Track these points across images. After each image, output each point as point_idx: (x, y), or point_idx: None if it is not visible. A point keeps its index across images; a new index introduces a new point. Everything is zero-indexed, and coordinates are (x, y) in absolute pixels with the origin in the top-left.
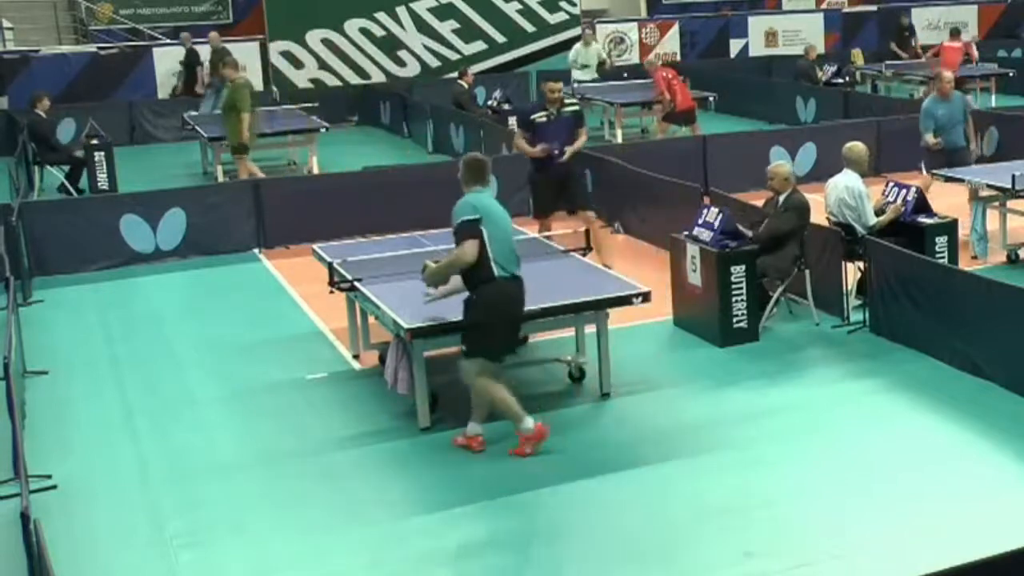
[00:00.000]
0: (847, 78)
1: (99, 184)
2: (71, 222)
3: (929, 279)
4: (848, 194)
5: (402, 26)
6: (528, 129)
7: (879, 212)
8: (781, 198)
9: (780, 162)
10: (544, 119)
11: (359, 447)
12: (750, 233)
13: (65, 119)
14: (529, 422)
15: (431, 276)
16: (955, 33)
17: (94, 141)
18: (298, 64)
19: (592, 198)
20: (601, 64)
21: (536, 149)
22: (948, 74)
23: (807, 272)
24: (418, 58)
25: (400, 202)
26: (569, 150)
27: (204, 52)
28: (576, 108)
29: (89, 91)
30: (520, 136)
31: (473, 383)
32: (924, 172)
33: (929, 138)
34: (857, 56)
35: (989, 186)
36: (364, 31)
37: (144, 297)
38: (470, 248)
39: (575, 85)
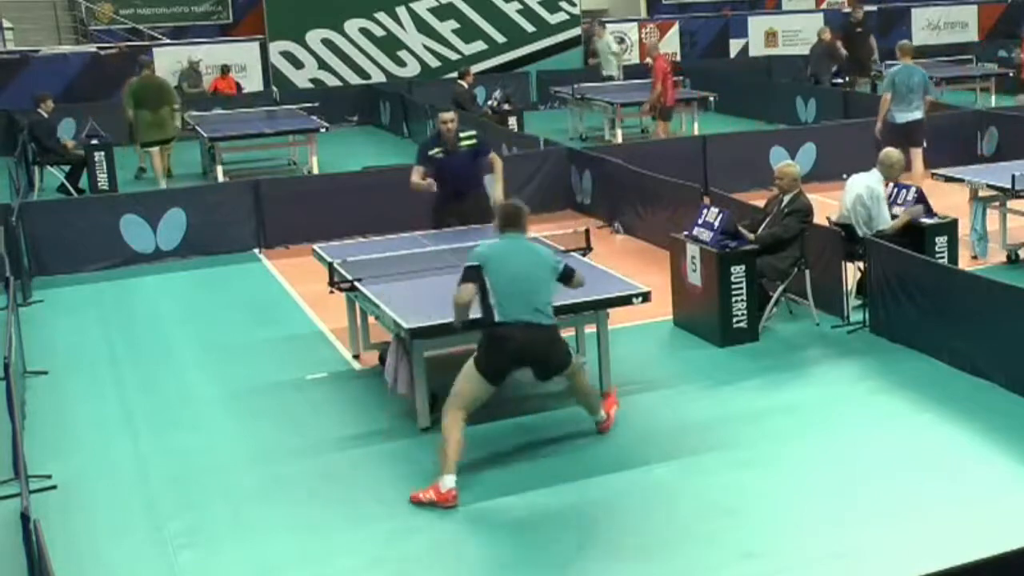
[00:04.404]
0: (847, 78)
1: (99, 184)
2: (71, 222)
3: (929, 279)
4: (868, 193)
5: (402, 26)
6: (427, 165)
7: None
8: (786, 198)
9: (789, 162)
10: (441, 154)
11: (359, 447)
12: (751, 236)
13: (65, 119)
14: (450, 481)
15: (456, 318)
16: None
17: (94, 141)
18: (298, 64)
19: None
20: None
21: (425, 182)
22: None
23: (807, 272)
24: (418, 58)
25: (400, 202)
26: (497, 197)
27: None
28: (473, 141)
29: (89, 91)
30: (416, 173)
31: (446, 410)
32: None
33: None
34: None
35: (989, 186)
36: (364, 31)
37: (144, 297)
38: (463, 291)
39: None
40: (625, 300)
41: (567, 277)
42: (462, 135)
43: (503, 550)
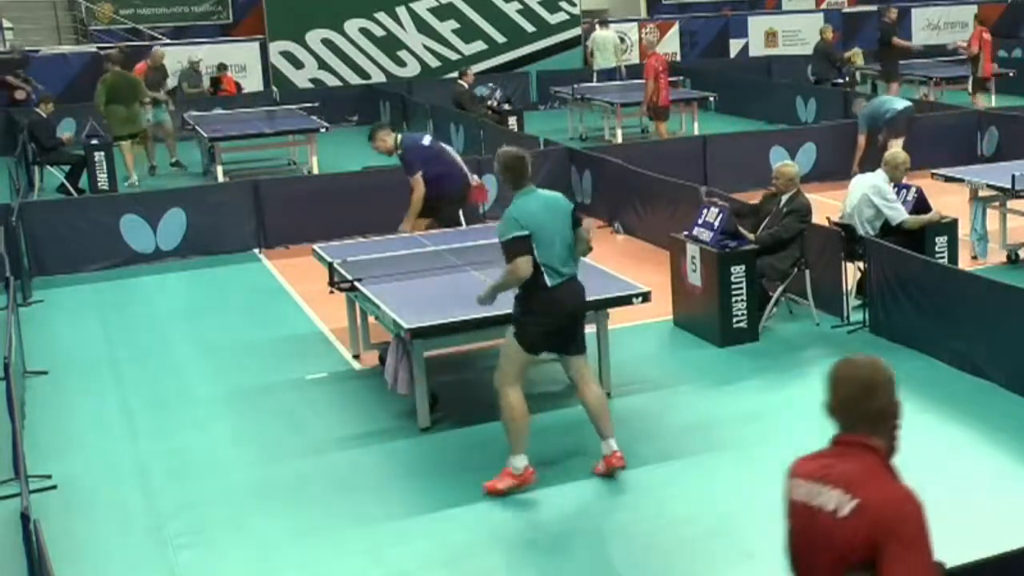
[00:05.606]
0: (847, 78)
1: (99, 184)
2: (71, 222)
3: (929, 279)
4: (873, 192)
5: (402, 26)
6: None
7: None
8: (784, 198)
9: (788, 162)
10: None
11: (359, 447)
12: (752, 236)
13: (65, 119)
14: (521, 461)
15: (489, 295)
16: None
17: (94, 141)
18: (298, 64)
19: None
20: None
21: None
22: None
23: (807, 272)
24: (418, 58)
25: (400, 202)
26: (404, 225)
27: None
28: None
29: (89, 91)
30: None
31: (501, 389)
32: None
33: None
34: (857, 56)
35: (989, 186)
36: (364, 31)
37: (144, 297)
38: (523, 265)
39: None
40: (625, 300)
41: (577, 220)
42: (399, 153)
43: (503, 552)
